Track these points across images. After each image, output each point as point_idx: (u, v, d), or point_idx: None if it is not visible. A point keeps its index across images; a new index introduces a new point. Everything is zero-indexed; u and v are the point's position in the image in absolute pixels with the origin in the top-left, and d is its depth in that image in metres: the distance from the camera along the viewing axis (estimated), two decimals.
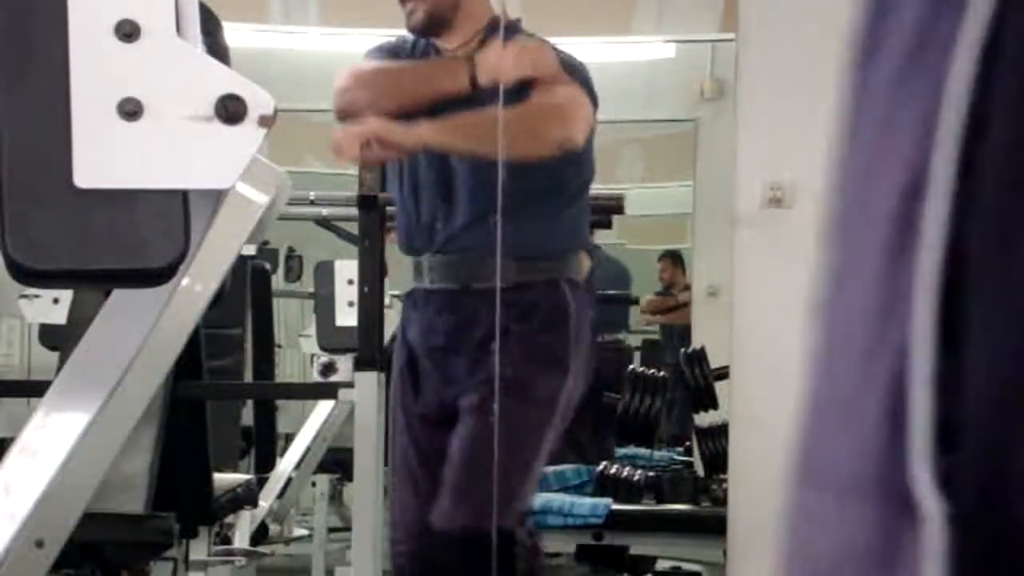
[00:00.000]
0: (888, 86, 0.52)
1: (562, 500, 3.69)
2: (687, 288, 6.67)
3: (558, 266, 2.80)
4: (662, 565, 4.42)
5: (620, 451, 4.55)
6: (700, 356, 4.27)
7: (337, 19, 5.44)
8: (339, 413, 4.31)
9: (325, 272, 4.30)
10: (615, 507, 3.69)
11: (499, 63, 2.62)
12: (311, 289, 4.87)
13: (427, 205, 2.82)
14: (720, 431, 3.98)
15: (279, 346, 5.40)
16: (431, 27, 2.82)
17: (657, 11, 5.91)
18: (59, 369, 1.16)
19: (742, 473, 3.33)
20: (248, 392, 4.53)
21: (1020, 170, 0.47)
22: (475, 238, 2.72)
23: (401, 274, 3.03)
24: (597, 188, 3.06)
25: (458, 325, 2.79)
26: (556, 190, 2.80)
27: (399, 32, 2.92)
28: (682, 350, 4.47)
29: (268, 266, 4.89)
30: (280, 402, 5.15)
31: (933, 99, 0.49)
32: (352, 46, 5.43)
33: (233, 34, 1.19)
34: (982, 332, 0.47)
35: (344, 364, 3.84)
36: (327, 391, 3.72)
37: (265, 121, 0.98)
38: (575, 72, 2.80)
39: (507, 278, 2.63)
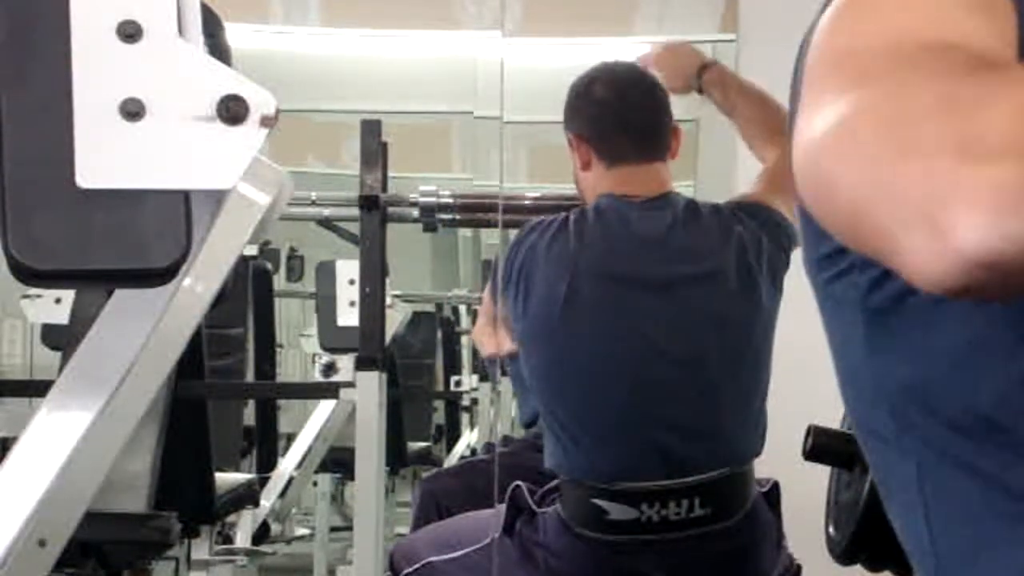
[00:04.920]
0: None
1: None
2: None
3: None
4: None
5: None
6: None
7: (338, 19, 5.44)
8: (340, 413, 4.31)
9: (326, 272, 4.30)
10: None
11: None
12: (312, 289, 4.87)
13: None
14: None
15: (280, 346, 5.40)
16: None
17: (658, 12, 5.91)
18: (61, 369, 1.16)
19: None
20: (250, 392, 4.53)
21: None
22: None
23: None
24: None
25: None
26: None
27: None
28: None
29: (270, 266, 4.89)
30: (281, 402, 5.15)
31: None
32: (352, 46, 5.44)
33: (234, 34, 1.20)
34: None
35: (345, 364, 3.84)
36: (328, 391, 3.72)
37: (267, 121, 0.98)
38: None
39: None
